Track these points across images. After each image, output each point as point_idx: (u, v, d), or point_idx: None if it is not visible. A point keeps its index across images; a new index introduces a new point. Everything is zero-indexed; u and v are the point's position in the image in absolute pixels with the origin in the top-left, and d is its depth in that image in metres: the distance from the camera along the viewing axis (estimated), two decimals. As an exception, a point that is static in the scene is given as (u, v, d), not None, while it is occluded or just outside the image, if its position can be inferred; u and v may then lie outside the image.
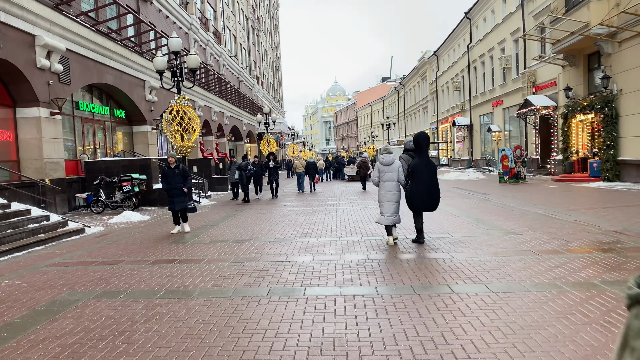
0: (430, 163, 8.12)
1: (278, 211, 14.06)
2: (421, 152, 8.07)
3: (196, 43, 31.07)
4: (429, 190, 7.92)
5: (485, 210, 12.46)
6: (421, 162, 7.94)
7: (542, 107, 23.96)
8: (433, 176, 7.98)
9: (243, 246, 8.40)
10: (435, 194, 8.02)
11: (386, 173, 8.05)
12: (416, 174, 7.89)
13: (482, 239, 8.28)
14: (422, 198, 7.94)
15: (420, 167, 7.90)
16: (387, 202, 7.99)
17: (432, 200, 8.01)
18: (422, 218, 8.20)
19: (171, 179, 10.17)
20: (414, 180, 7.92)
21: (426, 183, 7.89)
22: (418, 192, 7.90)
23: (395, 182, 8.07)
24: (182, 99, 14.07)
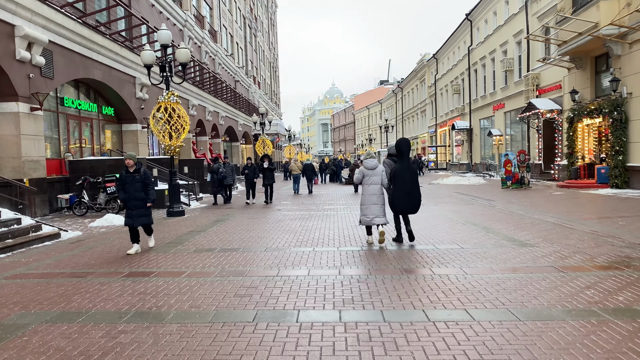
0: (412, 168, 8.45)
1: (272, 216, 13.22)
2: (402, 157, 8.41)
3: (191, 40, 30.23)
4: (410, 193, 8.25)
5: (492, 218, 11.66)
6: (402, 167, 8.31)
7: (546, 110, 23.25)
8: (414, 180, 8.35)
9: (231, 256, 7.56)
10: (416, 197, 8.34)
11: (370, 177, 8.34)
12: (398, 178, 8.25)
13: (495, 252, 7.48)
14: (403, 201, 8.27)
15: (402, 172, 8.26)
16: (372, 205, 8.27)
17: (413, 203, 8.34)
18: (407, 219, 8.54)
19: (129, 187, 8.09)
20: (395, 184, 8.27)
21: (407, 187, 8.22)
22: (399, 195, 8.24)
23: (379, 186, 8.35)
24: (171, 96, 13.23)
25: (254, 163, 17.75)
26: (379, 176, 8.32)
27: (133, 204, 8.08)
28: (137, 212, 8.09)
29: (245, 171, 17.06)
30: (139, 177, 8.14)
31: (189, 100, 28.38)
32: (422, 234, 9.41)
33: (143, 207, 8.12)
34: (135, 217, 8.10)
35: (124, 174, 8.19)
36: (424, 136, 57.71)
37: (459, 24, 41.16)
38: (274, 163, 17.80)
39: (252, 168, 17.15)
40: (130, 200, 8.09)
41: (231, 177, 17.68)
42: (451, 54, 45.61)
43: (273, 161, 18.28)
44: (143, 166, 8.34)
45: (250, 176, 17.06)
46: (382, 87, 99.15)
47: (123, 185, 8.16)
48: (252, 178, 17.11)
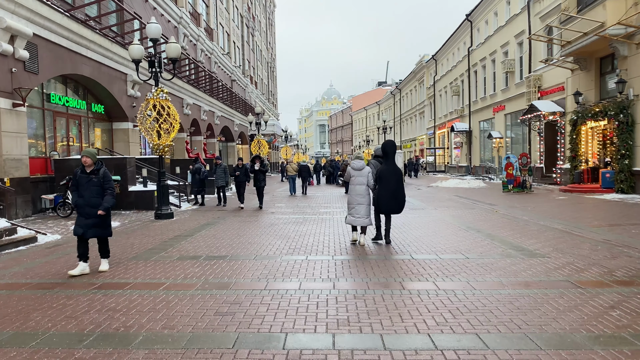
0: (397, 169, 8.60)
1: (265, 219, 12.61)
2: (388, 159, 8.61)
3: (186, 38, 29.61)
4: (395, 194, 8.45)
5: (496, 224, 11.08)
6: (388, 168, 8.51)
7: (548, 112, 22.71)
8: (399, 181, 8.53)
9: (216, 266, 6.95)
10: (400, 198, 8.52)
11: (357, 177, 8.59)
12: (383, 179, 8.46)
13: (503, 263, 6.89)
14: (388, 201, 8.45)
15: (387, 173, 8.47)
16: (358, 205, 8.48)
17: (397, 204, 8.52)
18: (389, 219, 8.67)
19: (84, 190, 6.58)
20: (381, 184, 8.48)
21: (392, 187, 8.44)
22: (384, 196, 8.44)
23: (365, 187, 8.58)
24: (160, 92, 12.61)
25: (245, 164, 16.68)
26: (365, 177, 8.58)
27: (87, 212, 6.54)
28: (89, 223, 6.53)
29: (236, 173, 15.93)
30: (96, 179, 6.62)
31: (183, 99, 27.76)
32: (424, 241, 8.82)
33: (97, 216, 6.56)
34: (86, 226, 6.51)
35: (79, 173, 6.68)
36: (422, 138, 57.19)
37: (458, 25, 40.66)
38: (266, 165, 16.74)
39: (243, 169, 16.08)
40: (84, 207, 6.56)
41: (223, 179, 16.85)
42: (450, 55, 45.10)
43: (266, 162, 16.88)
44: (104, 166, 6.85)
45: (241, 178, 15.96)
46: (380, 89, 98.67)
47: (77, 187, 6.67)
48: (244, 180, 16.02)
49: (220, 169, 16.92)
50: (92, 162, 6.68)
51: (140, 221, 12.49)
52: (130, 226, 11.57)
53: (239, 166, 16.13)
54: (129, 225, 11.81)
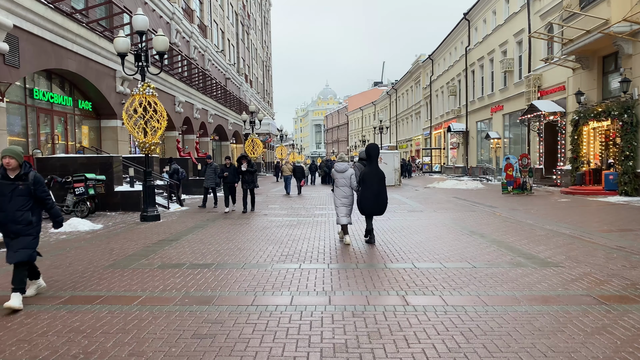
0: (379, 172, 8.71)
1: (257, 222, 11.99)
2: (371, 162, 8.71)
3: (178, 34, 28.92)
4: (377, 196, 8.55)
5: (499, 228, 10.51)
6: (371, 171, 8.62)
7: (548, 112, 22.21)
8: (381, 183, 8.64)
9: (200, 275, 6.33)
10: (383, 200, 8.63)
11: (340, 179, 8.85)
12: (366, 181, 8.57)
13: (514, 273, 6.31)
14: (371, 203, 8.58)
15: (370, 175, 8.58)
16: (342, 206, 8.76)
17: (380, 205, 8.64)
18: (371, 220, 8.79)
19: (4, 201, 5.03)
20: (363, 186, 8.59)
21: (374, 190, 8.55)
22: (367, 198, 8.56)
23: (348, 187, 8.83)
24: (147, 88, 11.96)
25: (233, 164, 15.27)
26: (347, 179, 8.82)
27: (12, 229, 5.06)
28: (13, 244, 5.06)
29: (225, 174, 14.51)
30: (23, 187, 5.07)
31: (175, 96, 27.08)
32: (425, 247, 8.23)
33: (26, 234, 5.10)
34: (9, 247, 5.10)
35: None
36: (418, 138, 56.71)
37: (456, 24, 40.19)
38: (254, 164, 15.62)
39: (232, 169, 14.66)
40: (7, 224, 5.07)
41: (213, 180, 15.98)
42: (447, 55, 44.61)
43: (253, 162, 15.75)
44: (33, 170, 5.28)
45: (229, 179, 14.56)
46: (376, 89, 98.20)
47: None
48: (232, 182, 14.60)
49: (211, 169, 16.04)
50: (18, 165, 5.07)
51: (125, 223, 11.83)
52: (113, 229, 10.91)
53: (226, 166, 14.78)
54: (112, 228, 11.14)
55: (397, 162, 28.39)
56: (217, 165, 16.25)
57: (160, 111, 12.13)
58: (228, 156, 15.14)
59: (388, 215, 13.17)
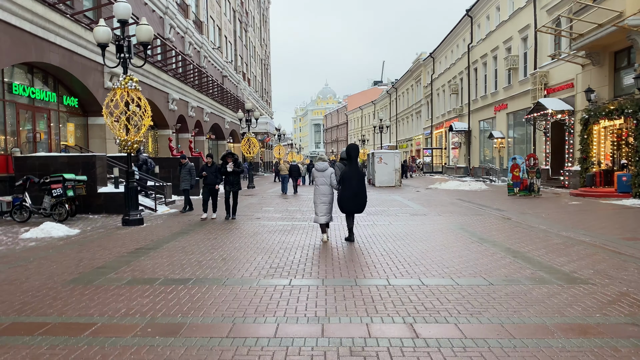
0: (359, 171, 9.02)
1: (248, 227, 11.09)
2: (351, 162, 8.94)
3: (172, 29, 28.00)
4: (356, 195, 8.78)
5: (512, 234, 9.62)
6: (350, 170, 8.87)
7: (556, 111, 21.32)
8: (360, 183, 8.88)
9: (173, 294, 5.43)
10: (362, 199, 8.88)
11: (320, 178, 8.95)
12: (346, 180, 8.80)
13: (538, 292, 5.42)
14: (350, 202, 8.81)
15: (350, 175, 8.82)
16: (321, 204, 8.88)
17: (359, 204, 8.88)
18: (353, 219, 9.04)
19: None
20: (343, 186, 8.81)
21: (354, 188, 8.77)
22: (346, 197, 8.79)
23: (328, 186, 8.94)
24: (129, 81, 11.05)
25: (216, 163, 13.57)
26: (327, 177, 8.92)
27: None
28: None
29: (203, 173, 12.69)
30: None
31: (168, 93, 26.18)
32: (432, 257, 7.34)
33: None
34: None
35: None
36: (419, 138, 55.83)
37: (458, 21, 39.29)
38: (241, 164, 14.18)
39: (212, 169, 12.80)
40: None
41: (188, 181, 14.43)
42: (449, 53, 43.72)
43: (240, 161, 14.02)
44: None
45: (210, 180, 12.70)
46: (375, 88, 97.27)
47: None
48: (213, 183, 12.75)
49: (185, 169, 14.54)
50: None
51: (105, 228, 10.93)
52: (90, 235, 10.00)
53: (207, 165, 12.85)
54: (89, 233, 10.24)
55: (397, 162, 27.51)
56: (192, 165, 14.88)
57: (144, 107, 11.21)
58: (209, 154, 13.52)
59: (389, 219, 12.29)
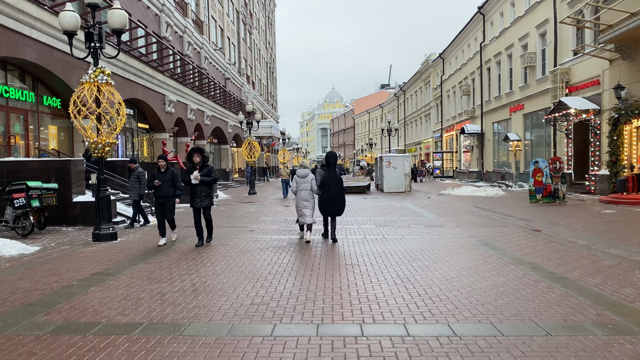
0: (337, 177, 9.58)
1: (237, 243, 9.53)
2: (329, 168, 9.56)
3: (170, 28, 26.63)
4: (335, 199, 9.38)
5: (550, 253, 7.98)
6: (329, 176, 9.47)
7: (580, 110, 19.62)
8: (339, 187, 9.47)
9: (105, 354, 3.88)
10: (340, 202, 9.45)
11: (302, 184, 9.48)
12: (325, 185, 9.40)
13: (620, 351, 3.81)
14: (329, 205, 9.41)
15: (329, 180, 9.42)
16: (304, 208, 9.41)
17: (338, 207, 9.45)
18: (334, 222, 9.48)
19: None
20: (323, 190, 9.41)
21: (333, 193, 9.36)
22: (326, 201, 9.40)
23: (309, 191, 9.45)
24: (100, 74, 9.57)
25: (174, 169, 9.68)
26: (308, 183, 9.49)
27: None
28: None
29: (155, 182, 9.03)
30: None
31: (165, 95, 24.79)
32: (460, 288, 5.74)
33: None
34: None
35: None
36: (428, 141, 54.11)
37: (469, 19, 37.63)
38: (213, 169, 9.09)
39: (167, 176, 9.13)
40: None
41: (137, 191, 11.86)
42: (460, 53, 42.06)
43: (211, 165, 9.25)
44: None
45: (163, 192, 9.07)
46: (383, 91, 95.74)
47: None
48: (168, 196, 9.11)
49: (134, 176, 12.01)
50: None
51: (71, 244, 9.42)
52: (49, 253, 8.49)
53: (159, 170, 9.21)
54: (49, 251, 8.72)
55: (407, 166, 25.87)
56: (141, 171, 12.25)
57: (117, 104, 9.73)
58: (162, 155, 10.05)
59: (401, 232, 10.69)
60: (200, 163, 8.91)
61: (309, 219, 9.34)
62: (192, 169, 8.88)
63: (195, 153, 8.95)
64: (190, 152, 9.03)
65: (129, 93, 20.72)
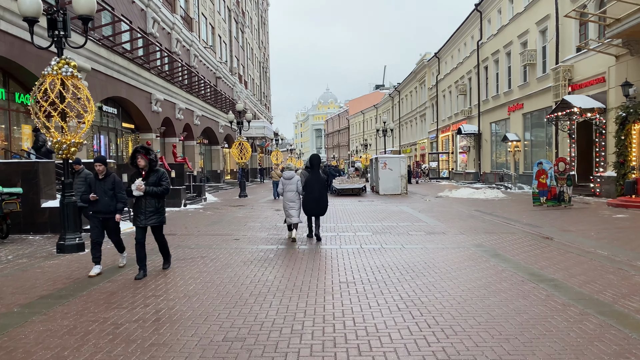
0: (320, 178, 10.18)
1: (219, 255, 8.54)
2: (313, 170, 10.13)
3: (156, 24, 25.56)
4: (318, 199, 9.90)
5: (571, 267, 7.05)
6: (313, 178, 10.02)
7: (584, 109, 18.76)
8: (322, 189, 10.05)
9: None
10: (323, 203, 9.97)
11: (287, 185, 10.00)
12: (308, 187, 9.94)
13: None
14: (312, 205, 9.93)
15: (312, 182, 9.96)
16: (290, 209, 9.89)
17: (320, 208, 9.96)
18: (317, 222, 10.08)
19: None
20: (307, 191, 9.95)
21: (315, 194, 9.89)
22: (309, 201, 9.92)
23: (295, 192, 9.94)
24: (64, 65, 8.56)
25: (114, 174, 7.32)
26: (294, 184, 9.89)
27: None
28: None
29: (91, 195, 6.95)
30: None
31: (151, 93, 23.72)
32: (475, 313, 4.78)
33: None
34: None
35: None
36: (424, 142, 53.28)
37: (466, 17, 36.82)
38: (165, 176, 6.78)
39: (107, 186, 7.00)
40: None
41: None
42: (456, 52, 41.24)
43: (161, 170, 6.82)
44: None
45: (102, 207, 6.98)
46: (377, 92, 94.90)
47: None
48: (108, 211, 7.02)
49: (80, 178, 9.38)
50: None
51: (31, 257, 8.38)
52: (2, 268, 7.44)
53: (97, 176, 7.07)
54: (3, 265, 7.67)
55: (403, 167, 24.95)
56: (88, 173, 9.26)
57: (84, 99, 8.72)
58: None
59: (401, 240, 9.74)
60: (146, 167, 6.73)
61: (295, 219, 9.84)
62: (136, 176, 6.76)
63: (140, 154, 6.68)
64: (134, 154, 6.74)
65: (112, 91, 19.67)
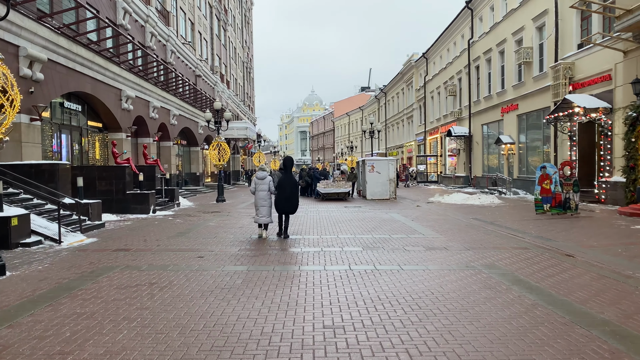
0: (293, 179, 10.88)
1: (172, 279, 6.84)
2: (286, 171, 10.93)
3: (128, 16, 23.69)
4: (289, 198, 10.56)
5: (616, 298, 5.55)
6: (285, 178, 10.72)
7: (588, 109, 17.45)
8: (294, 189, 10.79)
9: None
10: (294, 202, 10.69)
11: (260, 185, 10.70)
12: (281, 187, 10.64)
13: None
14: (284, 204, 10.58)
15: (285, 182, 10.65)
16: (262, 207, 10.57)
17: (291, 206, 10.66)
18: (287, 219, 10.82)
19: None
20: (279, 191, 10.61)
21: (287, 194, 10.56)
22: (281, 200, 10.56)
23: (267, 192, 10.65)
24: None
25: None
26: (266, 184, 10.70)
27: None
28: None
29: None
30: None
31: (121, 90, 21.88)
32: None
33: None
34: None
35: None
36: (411, 145, 51.96)
37: (456, 15, 35.58)
38: None
39: None
40: None
41: None
42: (445, 52, 39.98)
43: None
44: None
45: None
46: (363, 94, 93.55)
47: None
48: None
49: None
50: None
51: None
52: None
53: None
54: None
55: (392, 171, 23.48)
56: None
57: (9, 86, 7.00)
58: None
59: (397, 258, 8.14)
60: None
61: (264, 218, 10.54)
62: None
63: None
64: None
65: (75, 85, 17.84)
